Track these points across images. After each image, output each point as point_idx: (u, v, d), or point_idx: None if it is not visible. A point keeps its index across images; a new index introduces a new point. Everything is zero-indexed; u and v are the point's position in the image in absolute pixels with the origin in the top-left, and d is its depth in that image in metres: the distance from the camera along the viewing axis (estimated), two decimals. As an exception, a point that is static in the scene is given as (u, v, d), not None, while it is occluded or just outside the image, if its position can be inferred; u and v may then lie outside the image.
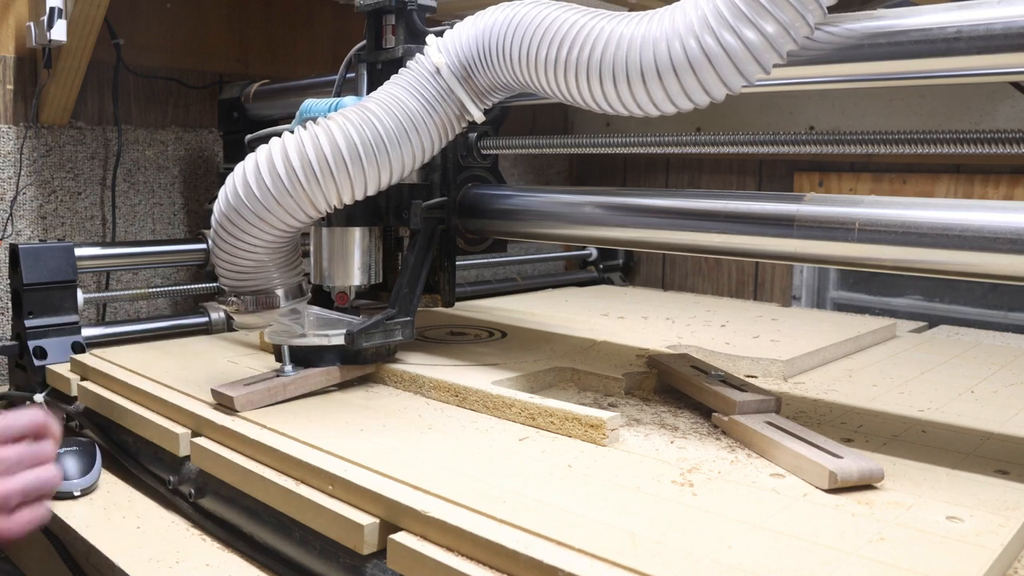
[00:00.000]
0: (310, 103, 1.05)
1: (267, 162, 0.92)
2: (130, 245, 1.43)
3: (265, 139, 0.98)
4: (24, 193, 1.39)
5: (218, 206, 0.95)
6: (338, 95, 1.09)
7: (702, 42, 0.73)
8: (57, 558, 0.94)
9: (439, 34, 0.97)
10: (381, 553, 0.68)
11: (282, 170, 0.91)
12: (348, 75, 1.16)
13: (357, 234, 1.10)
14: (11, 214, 1.38)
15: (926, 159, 1.66)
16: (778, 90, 0.93)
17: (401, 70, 0.97)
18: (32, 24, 1.33)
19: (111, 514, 0.91)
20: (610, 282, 2.06)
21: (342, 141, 0.91)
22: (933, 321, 1.60)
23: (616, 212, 1.05)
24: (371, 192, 0.95)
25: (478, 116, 0.96)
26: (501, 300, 1.68)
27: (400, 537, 0.66)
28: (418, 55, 0.96)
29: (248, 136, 1.15)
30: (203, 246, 1.45)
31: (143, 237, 1.54)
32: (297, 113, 1.06)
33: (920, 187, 1.67)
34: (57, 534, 0.92)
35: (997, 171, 1.60)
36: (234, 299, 0.98)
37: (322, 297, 1.13)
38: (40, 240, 1.41)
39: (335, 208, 0.95)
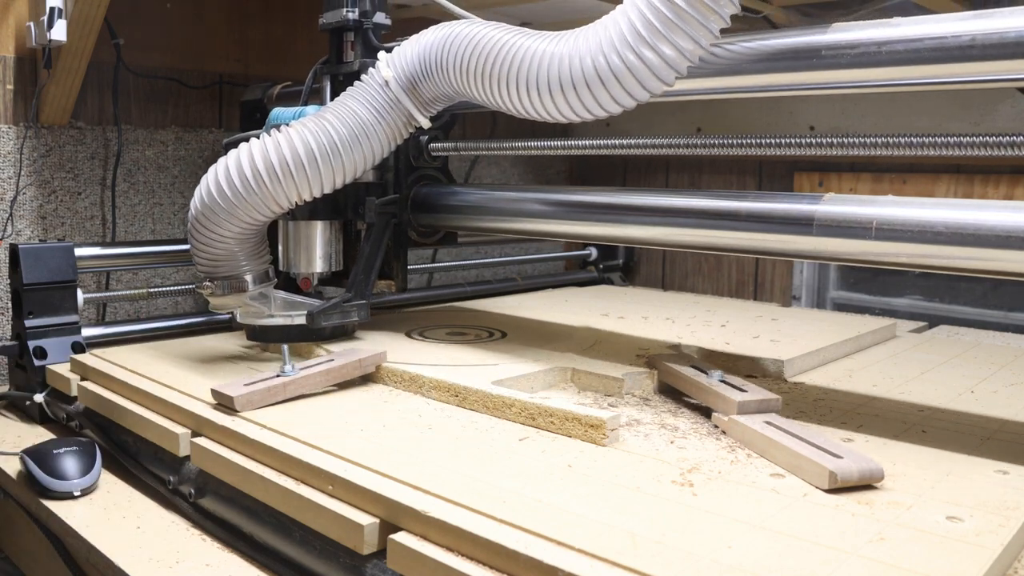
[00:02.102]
0: (277, 111, 1.20)
1: (236, 165, 1.06)
2: (130, 245, 1.43)
3: (240, 142, 1.11)
4: (24, 193, 1.39)
5: (194, 202, 1.08)
6: (305, 104, 1.24)
7: (606, 60, 0.84)
8: (57, 558, 0.94)
9: (389, 50, 1.09)
10: (381, 553, 0.68)
11: (248, 172, 1.04)
12: (314, 86, 1.29)
13: (319, 227, 1.25)
14: (11, 214, 1.38)
15: (926, 159, 1.66)
16: (696, 98, 1.04)
17: (355, 83, 1.10)
18: (32, 24, 1.33)
19: (111, 514, 0.91)
20: (610, 282, 2.06)
21: (300, 146, 1.04)
22: (933, 321, 1.60)
23: (558, 208, 1.17)
24: (327, 191, 1.07)
25: (424, 123, 1.08)
26: (501, 300, 1.68)
27: (400, 537, 0.66)
28: (370, 69, 1.08)
29: (224, 140, 1.28)
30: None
31: (143, 237, 1.54)
32: (268, 119, 1.21)
33: (920, 187, 1.67)
34: (57, 534, 0.92)
35: (997, 171, 1.60)
36: (208, 283, 1.11)
37: (288, 283, 1.27)
38: (40, 240, 1.41)
39: (297, 204, 1.08)
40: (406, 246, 1.31)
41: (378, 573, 0.68)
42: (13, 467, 1.01)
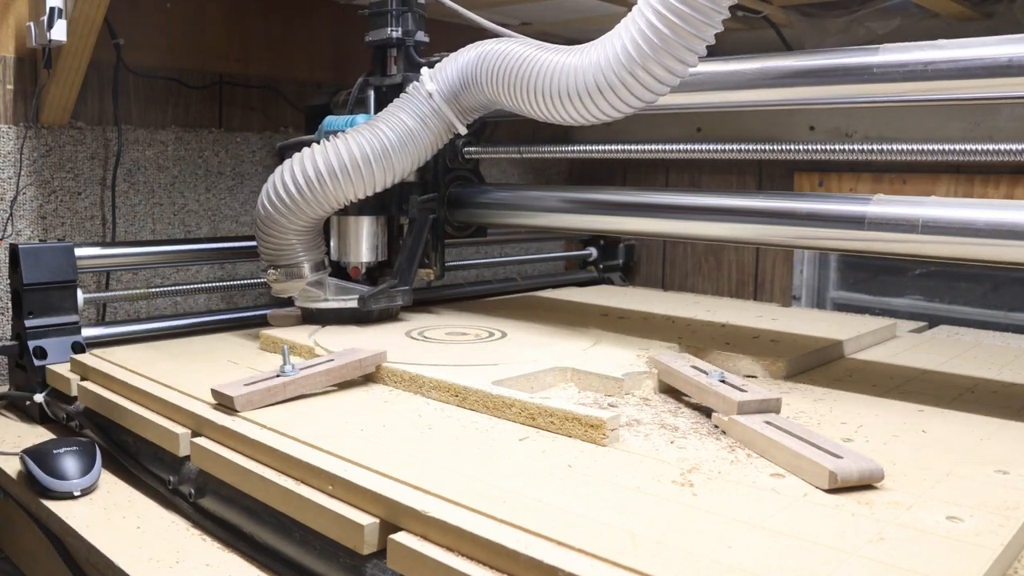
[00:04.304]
0: (330, 119, 1.35)
1: (300, 168, 1.21)
2: (130, 245, 1.43)
3: (293, 147, 1.29)
4: (24, 193, 1.39)
5: (262, 200, 1.24)
6: (351, 112, 1.40)
7: (604, 76, 0.99)
8: (57, 558, 0.94)
9: (431, 65, 1.24)
10: (381, 553, 0.68)
11: (312, 174, 1.20)
12: (359, 95, 1.44)
13: (366, 222, 1.41)
14: (11, 214, 1.38)
15: (927, 159, 1.66)
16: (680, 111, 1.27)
17: (402, 94, 1.25)
18: (32, 24, 1.33)
19: (111, 514, 0.91)
20: (610, 282, 2.06)
21: (357, 151, 1.19)
22: (933, 321, 1.60)
23: (577, 205, 1.35)
24: (379, 190, 1.24)
25: (462, 130, 1.24)
26: (501, 300, 1.68)
27: (400, 537, 0.66)
28: (415, 82, 1.24)
29: (279, 144, 1.48)
30: (201, 246, 1.46)
31: (143, 237, 1.54)
32: (319, 127, 1.35)
33: (920, 187, 1.67)
34: (57, 534, 0.92)
35: (997, 171, 1.60)
36: (272, 270, 1.28)
37: (339, 271, 1.41)
38: (40, 240, 1.41)
39: (351, 202, 1.24)
40: (443, 239, 1.48)
41: (378, 573, 0.68)
42: (13, 467, 1.01)
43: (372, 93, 1.42)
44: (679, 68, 0.95)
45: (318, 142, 1.24)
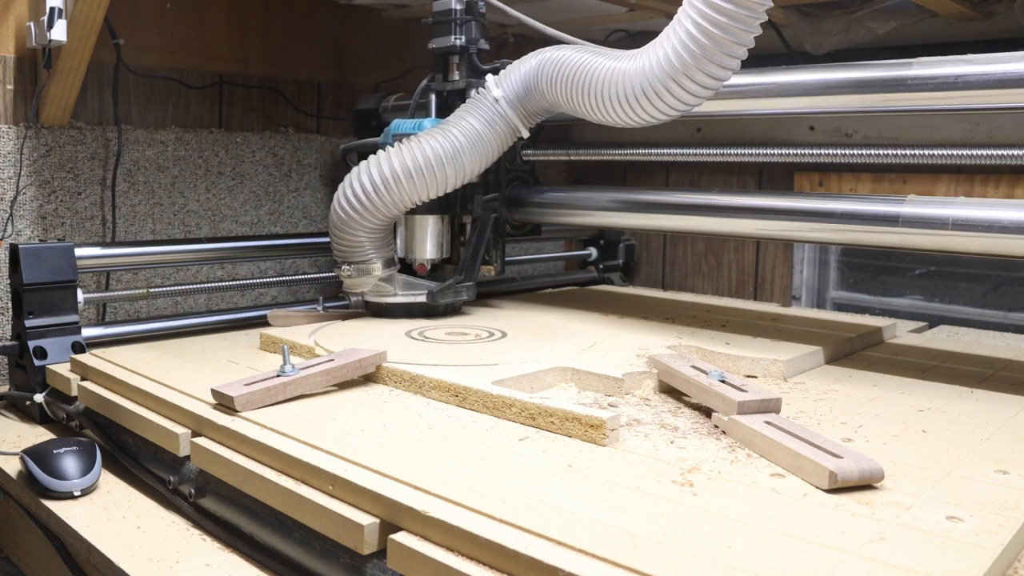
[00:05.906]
0: (398, 123, 1.45)
1: (377, 170, 1.28)
2: (130, 245, 1.43)
3: (356, 149, 1.43)
4: (24, 193, 1.39)
5: (338, 200, 1.32)
6: (412, 116, 1.51)
7: (651, 85, 1.04)
8: (57, 558, 0.94)
9: (495, 72, 1.32)
10: (381, 553, 0.68)
11: (388, 175, 1.27)
12: (420, 100, 1.53)
13: (432, 220, 1.48)
14: (11, 214, 1.38)
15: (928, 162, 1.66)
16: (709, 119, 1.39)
17: (468, 100, 1.33)
18: (32, 24, 1.33)
19: (111, 514, 0.91)
20: (610, 282, 2.06)
21: (431, 153, 1.27)
22: (933, 321, 1.60)
23: (629, 204, 1.43)
24: (449, 190, 1.32)
25: (525, 134, 1.32)
26: (501, 300, 1.68)
27: (400, 537, 0.66)
28: (480, 88, 1.32)
29: (342, 146, 1.63)
30: (201, 246, 1.46)
31: (143, 237, 1.54)
32: (387, 130, 1.45)
33: (920, 187, 1.67)
34: (57, 534, 0.92)
35: (997, 171, 1.60)
36: (345, 267, 1.37)
37: (405, 267, 1.48)
38: (40, 240, 1.41)
39: (422, 202, 1.32)
40: (503, 237, 1.55)
41: (378, 573, 0.68)
42: (13, 467, 1.02)
43: (433, 97, 1.49)
44: (721, 74, 1.00)
45: (390, 144, 1.32)
